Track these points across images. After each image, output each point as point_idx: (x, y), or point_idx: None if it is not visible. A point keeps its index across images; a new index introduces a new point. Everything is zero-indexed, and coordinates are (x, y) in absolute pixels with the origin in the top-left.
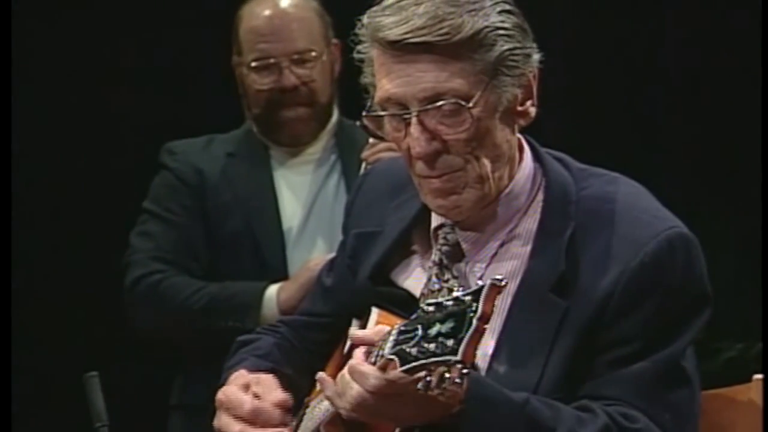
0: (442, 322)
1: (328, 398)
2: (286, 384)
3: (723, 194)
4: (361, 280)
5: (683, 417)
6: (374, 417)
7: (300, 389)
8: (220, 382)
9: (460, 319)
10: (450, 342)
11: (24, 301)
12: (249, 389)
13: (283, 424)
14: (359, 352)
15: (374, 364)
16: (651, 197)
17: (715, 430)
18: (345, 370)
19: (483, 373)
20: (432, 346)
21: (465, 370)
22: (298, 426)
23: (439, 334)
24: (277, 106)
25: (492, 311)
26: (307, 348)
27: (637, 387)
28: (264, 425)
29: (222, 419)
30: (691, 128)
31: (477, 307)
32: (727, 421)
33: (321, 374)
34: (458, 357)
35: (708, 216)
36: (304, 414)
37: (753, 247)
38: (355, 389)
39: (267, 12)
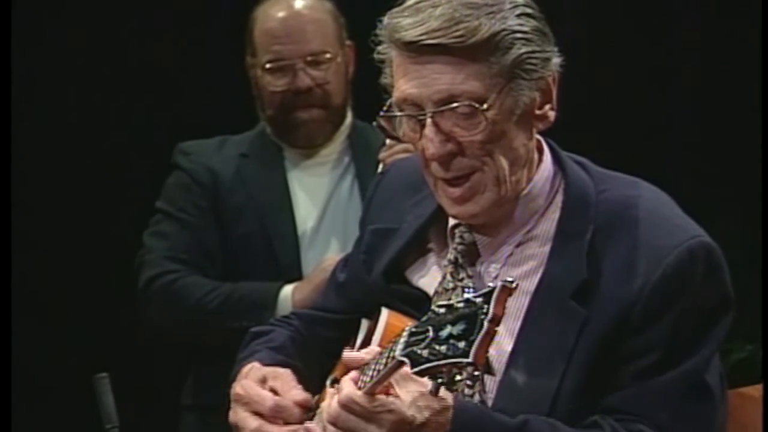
0: (453, 323)
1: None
2: (299, 378)
3: (735, 194)
4: (375, 277)
5: (702, 431)
6: None
7: (310, 384)
8: (233, 373)
9: (471, 321)
10: (461, 344)
11: (34, 301)
12: (266, 383)
13: (302, 422)
14: (349, 377)
15: (378, 372)
16: (671, 202)
17: (734, 428)
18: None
19: (500, 378)
20: (443, 348)
21: (476, 372)
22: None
23: (450, 336)
24: (291, 108)
25: (503, 313)
26: (318, 343)
27: (654, 402)
28: (283, 423)
29: (239, 414)
30: (699, 133)
31: (488, 309)
32: (748, 418)
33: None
34: (470, 359)
35: (719, 217)
36: (314, 415)
37: (764, 248)
38: (333, 410)
39: (281, 14)
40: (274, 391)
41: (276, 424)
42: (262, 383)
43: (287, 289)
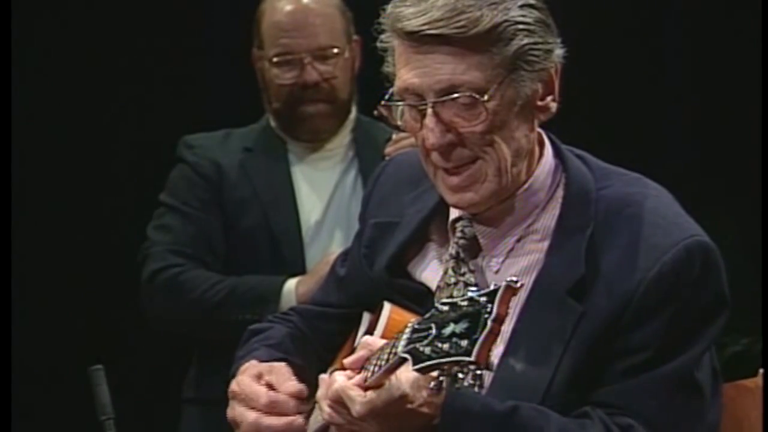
0: (456, 321)
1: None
2: (297, 373)
3: (731, 188)
4: (377, 271)
5: (690, 428)
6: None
7: (310, 380)
8: (231, 372)
9: (474, 320)
10: (464, 342)
11: (33, 293)
12: (262, 379)
13: (299, 413)
14: (349, 362)
15: (380, 367)
16: (673, 201)
17: (729, 420)
18: (329, 387)
19: (495, 368)
20: (446, 346)
21: (479, 371)
22: (306, 420)
23: (453, 334)
24: (298, 101)
25: (507, 313)
26: (318, 338)
27: (643, 397)
28: (279, 415)
29: (236, 410)
30: (695, 130)
31: (492, 309)
32: (741, 412)
33: (322, 376)
34: (472, 358)
35: (715, 210)
36: (312, 409)
37: (760, 242)
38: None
39: (289, 7)
40: (270, 386)
41: (274, 416)
42: (257, 379)
43: (291, 283)
